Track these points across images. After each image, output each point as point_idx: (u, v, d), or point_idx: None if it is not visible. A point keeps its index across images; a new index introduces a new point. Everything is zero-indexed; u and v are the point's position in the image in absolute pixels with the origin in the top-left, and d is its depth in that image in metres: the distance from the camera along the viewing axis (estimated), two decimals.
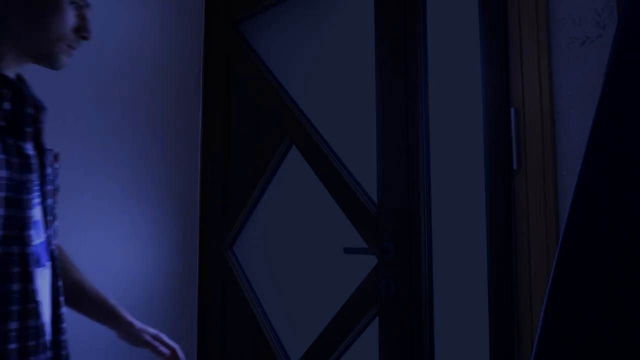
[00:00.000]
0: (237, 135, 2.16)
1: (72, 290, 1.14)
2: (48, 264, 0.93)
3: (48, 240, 0.94)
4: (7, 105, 0.88)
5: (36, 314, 0.88)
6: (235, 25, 2.20)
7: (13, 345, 0.84)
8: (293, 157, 1.97)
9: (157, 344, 1.16)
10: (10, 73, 0.94)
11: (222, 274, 2.13)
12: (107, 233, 1.93)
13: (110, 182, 1.95)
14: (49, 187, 0.95)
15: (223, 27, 2.24)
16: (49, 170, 0.95)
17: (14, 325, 0.85)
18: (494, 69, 1.40)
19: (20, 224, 0.86)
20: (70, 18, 0.93)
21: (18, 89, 0.90)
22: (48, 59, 0.94)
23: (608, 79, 0.72)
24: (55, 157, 0.99)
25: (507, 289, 1.33)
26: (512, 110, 1.34)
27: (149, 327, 1.18)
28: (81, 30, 0.96)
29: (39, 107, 0.94)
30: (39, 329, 0.88)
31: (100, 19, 1.98)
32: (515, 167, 1.33)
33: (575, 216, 0.70)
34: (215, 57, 2.26)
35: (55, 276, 0.95)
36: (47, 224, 0.94)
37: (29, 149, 0.90)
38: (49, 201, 0.95)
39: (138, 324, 1.17)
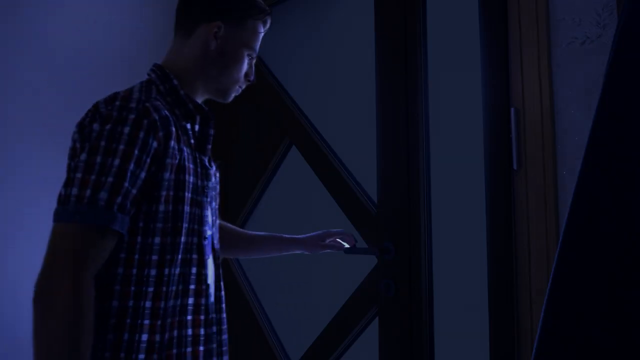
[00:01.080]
0: (237, 135, 2.16)
1: (243, 243, 1.41)
2: (211, 256, 1.12)
3: (213, 237, 1.13)
4: (197, 127, 1.11)
5: (206, 294, 1.07)
6: None
7: (189, 317, 1.04)
8: (293, 157, 1.97)
9: (329, 240, 1.44)
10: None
11: None
12: None
13: None
14: (215, 193, 1.15)
15: None
16: (216, 179, 1.15)
17: (190, 300, 1.04)
18: (494, 69, 1.40)
19: (199, 220, 1.06)
20: (244, 66, 1.17)
21: (206, 115, 1.12)
22: (223, 95, 1.18)
23: (608, 79, 0.72)
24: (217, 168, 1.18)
25: (507, 289, 1.33)
26: (512, 110, 1.34)
27: (312, 234, 1.45)
28: (249, 75, 1.19)
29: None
30: (208, 306, 1.07)
31: (102, 20, 1.98)
32: (515, 167, 1.33)
33: (575, 216, 0.70)
34: None
35: (217, 267, 1.14)
36: (213, 224, 1.13)
37: (206, 160, 1.12)
38: (214, 204, 1.15)
39: (303, 237, 1.45)
